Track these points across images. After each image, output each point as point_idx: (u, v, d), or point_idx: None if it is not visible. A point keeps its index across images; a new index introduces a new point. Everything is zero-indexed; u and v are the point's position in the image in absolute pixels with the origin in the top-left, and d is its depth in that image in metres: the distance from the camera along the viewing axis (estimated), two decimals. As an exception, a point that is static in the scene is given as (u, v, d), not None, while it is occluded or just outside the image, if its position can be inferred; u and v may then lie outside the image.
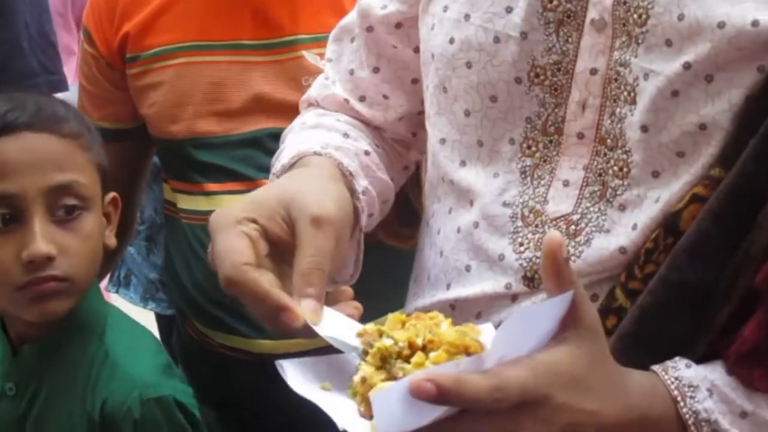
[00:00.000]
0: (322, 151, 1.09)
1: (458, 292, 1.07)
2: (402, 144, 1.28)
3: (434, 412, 0.77)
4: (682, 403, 0.89)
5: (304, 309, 0.89)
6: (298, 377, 0.90)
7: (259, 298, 0.90)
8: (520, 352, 0.81)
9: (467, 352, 0.83)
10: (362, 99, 1.23)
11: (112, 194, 1.46)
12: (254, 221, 0.94)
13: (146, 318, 2.17)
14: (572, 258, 1.01)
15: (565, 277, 0.83)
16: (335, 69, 1.26)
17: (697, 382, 0.90)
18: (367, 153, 1.18)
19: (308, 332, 0.90)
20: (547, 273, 0.84)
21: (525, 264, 1.02)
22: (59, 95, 1.87)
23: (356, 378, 0.87)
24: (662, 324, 0.94)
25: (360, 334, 0.89)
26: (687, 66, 0.94)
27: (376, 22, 1.21)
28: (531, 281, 1.02)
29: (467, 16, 1.07)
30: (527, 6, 1.02)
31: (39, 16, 1.82)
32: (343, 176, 1.09)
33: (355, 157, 1.15)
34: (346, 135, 1.18)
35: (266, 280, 0.91)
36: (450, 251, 1.10)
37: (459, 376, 0.76)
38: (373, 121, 1.24)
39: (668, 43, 0.96)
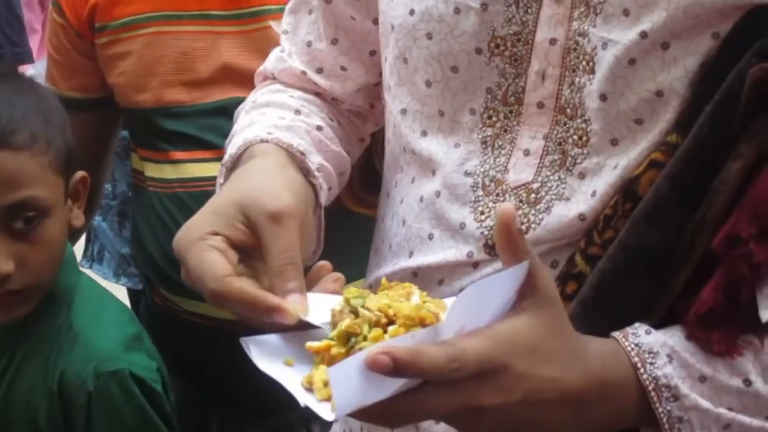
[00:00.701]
0: (269, 137, 1.09)
1: (420, 260, 1.08)
2: (359, 116, 1.28)
3: (393, 386, 0.77)
4: (642, 369, 0.89)
5: (291, 304, 0.90)
6: (261, 353, 0.90)
7: (249, 304, 0.90)
8: (478, 323, 0.81)
9: (423, 324, 0.83)
10: (320, 71, 1.23)
11: (80, 174, 1.44)
12: (216, 233, 0.94)
13: (119, 294, 2.21)
14: (532, 226, 1.01)
15: (520, 247, 0.83)
16: (291, 41, 1.25)
17: (656, 348, 0.91)
18: (319, 128, 1.18)
19: (302, 325, 0.91)
20: (501, 244, 0.84)
21: (486, 232, 1.02)
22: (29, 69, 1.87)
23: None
24: (621, 289, 0.95)
25: (333, 314, 0.89)
26: (644, 35, 0.95)
27: None
28: (492, 249, 1.02)
29: None
30: None
31: None
32: (294, 157, 1.09)
33: (306, 135, 1.15)
34: (297, 111, 1.18)
35: (250, 286, 0.92)
36: (413, 220, 1.10)
37: (414, 348, 0.76)
38: (331, 93, 1.24)
39: (625, 12, 0.96)
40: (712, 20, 0.93)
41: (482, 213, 1.04)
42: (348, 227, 1.46)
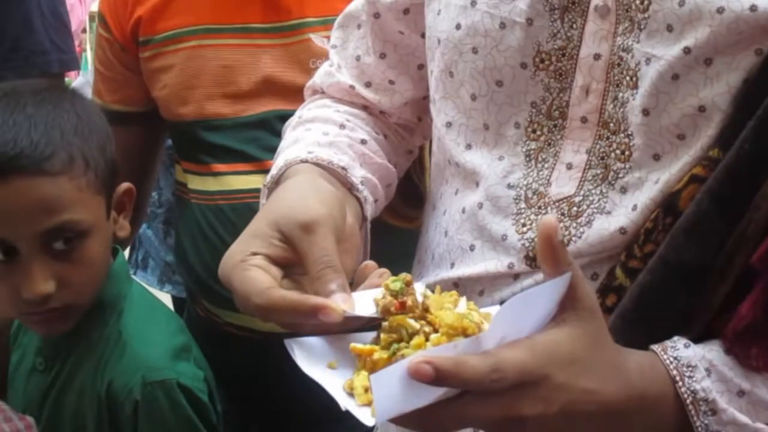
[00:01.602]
0: (308, 157, 1.10)
1: (462, 270, 1.08)
2: (406, 129, 1.28)
3: (433, 394, 0.78)
4: (680, 383, 0.89)
5: (336, 302, 0.90)
6: (305, 355, 0.91)
7: (293, 309, 0.91)
8: (519, 334, 0.81)
9: (465, 334, 0.83)
10: (368, 85, 1.24)
11: (125, 185, 1.44)
12: (256, 254, 0.95)
13: (164, 301, 2.22)
14: (573, 239, 1.01)
15: (562, 259, 0.83)
16: (341, 55, 1.26)
17: (695, 361, 0.90)
18: (363, 141, 1.18)
19: (350, 323, 0.91)
20: (543, 256, 0.83)
21: (527, 244, 1.03)
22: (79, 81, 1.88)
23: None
24: (661, 302, 0.95)
25: (376, 302, 0.91)
26: (687, 50, 0.94)
27: (383, 8, 1.21)
28: (533, 261, 1.02)
29: (473, 2, 1.07)
30: None
31: (54, 4, 1.82)
32: (335, 173, 1.09)
33: (349, 149, 1.16)
34: (342, 126, 1.19)
35: (292, 293, 0.92)
36: (455, 231, 1.10)
37: (457, 358, 0.77)
38: (379, 106, 1.24)
39: (669, 28, 0.96)
40: (756, 36, 0.93)
41: (524, 225, 1.05)
42: (385, 240, 1.46)
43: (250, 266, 0.95)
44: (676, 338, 0.92)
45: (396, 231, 1.38)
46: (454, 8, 1.10)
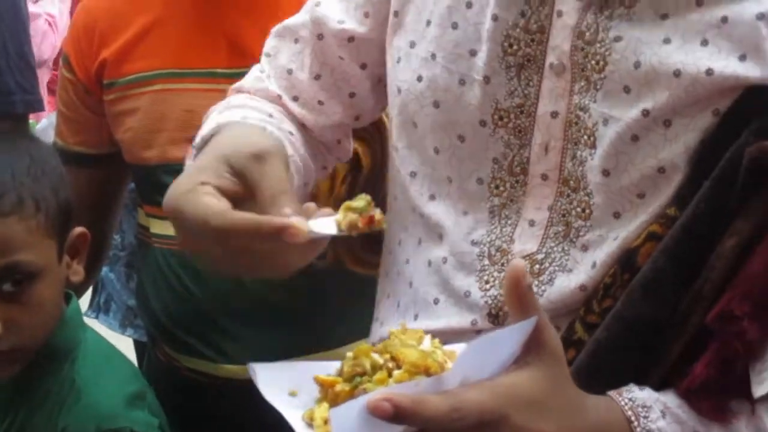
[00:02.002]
0: (244, 122, 1.09)
1: (425, 323, 1.08)
2: (325, 147, 1.27)
3: (393, 431, 0.78)
4: (636, 423, 0.90)
5: (296, 221, 0.89)
6: (267, 381, 0.91)
7: (255, 230, 0.89)
8: (482, 375, 0.82)
9: (427, 373, 0.83)
10: (296, 99, 1.23)
11: (79, 230, 1.44)
12: (205, 184, 0.93)
13: (126, 345, 2.16)
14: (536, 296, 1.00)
15: (529, 303, 0.83)
16: (272, 65, 1.25)
17: (650, 402, 0.92)
18: (291, 134, 1.17)
19: (314, 246, 0.91)
20: (510, 299, 0.84)
21: (490, 301, 1.03)
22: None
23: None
24: (616, 358, 0.96)
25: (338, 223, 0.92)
26: (646, 113, 0.95)
27: (328, 32, 1.21)
28: (496, 318, 1.03)
29: (433, 56, 1.07)
30: (489, 50, 1.04)
31: (18, 36, 1.81)
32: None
33: (279, 131, 1.15)
34: (271, 116, 1.18)
35: (252, 214, 0.90)
36: (419, 283, 1.11)
37: (417, 397, 0.77)
38: (302, 121, 1.24)
39: (626, 89, 0.97)
40: (713, 98, 0.94)
41: (487, 282, 1.05)
42: (347, 285, 1.47)
43: (202, 194, 0.92)
44: (631, 384, 0.93)
45: (351, 276, 1.39)
46: (415, 59, 1.11)
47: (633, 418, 0.91)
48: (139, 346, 2.17)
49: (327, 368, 0.90)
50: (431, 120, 1.09)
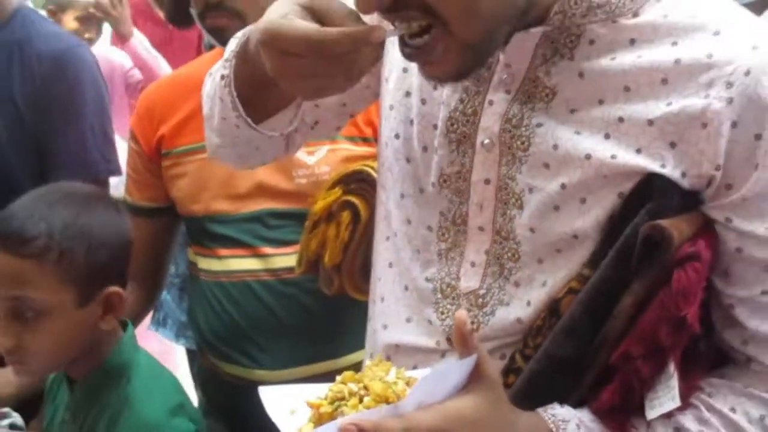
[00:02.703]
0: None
1: (400, 338, 1.06)
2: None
3: None
4: None
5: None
6: (272, 401, 0.91)
7: (349, 38, 0.86)
8: (434, 400, 0.83)
9: (388, 402, 0.84)
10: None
11: (113, 289, 1.33)
12: (293, 11, 0.89)
13: (180, 351, 2.20)
14: (481, 326, 0.99)
15: (470, 344, 0.84)
16: None
17: (568, 418, 0.92)
18: None
19: (376, 53, 0.88)
20: (456, 341, 0.85)
21: (447, 329, 1.01)
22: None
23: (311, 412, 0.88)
24: (544, 385, 0.95)
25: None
26: (563, 186, 0.93)
27: None
28: (452, 342, 1.00)
29: (411, 121, 1.04)
30: (441, 126, 1.01)
31: (102, 119, 1.79)
32: None
33: None
34: None
35: (340, 28, 0.86)
36: (395, 303, 1.08)
37: (377, 421, 0.79)
38: None
39: (546, 165, 0.94)
40: (618, 180, 0.91)
41: (443, 313, 1.02)
42: (351, 308, 1.47)
43: (296, 18, 0.88)
44: (555, 403, 0.93)
45: (355, 303, 1.38)
46: (398, 115, 1.07)
47: (554, 430, 0.91)
48: (189, 352, 2.16)
49: (321, 390, 0.90)
50: (403, 171, 1.06)
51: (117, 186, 1.83)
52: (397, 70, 1.07)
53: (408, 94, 1.05)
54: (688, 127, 0.88)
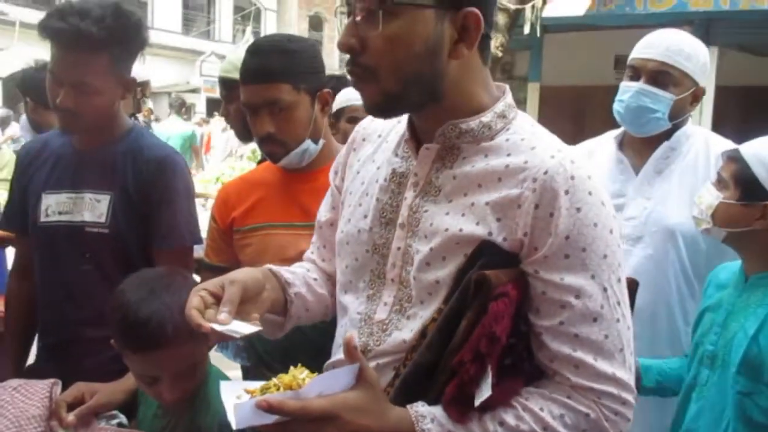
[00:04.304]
0: (265, 269, 1.32)
1: (337, 355, 1.31)
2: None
3: (269, 418, 1.00)
4: (417, 424, 1.10)
5: (220, 317, 1.11)
6: (227, 391, 1.08)
7: (193, 322, 1.12)
8: (330, 391, 1.04)
9: (291, 389, 1.04)
10: (323, 260, 1.50)
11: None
12: (205, 289, 1.17)
13: (237, 367, 2.35)
14: (381, 343, 1.20)
15: (355, 356, 1.06)
16: (313, 245, 1.53)
17: (425, 413, 1.11)
18: (315, 279, 1.42)
19: (220, 335, 1.11)
20: (345, 354, 1.07)
21: (360, 344, 1.23)
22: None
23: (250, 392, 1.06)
24: (414, 384, 1.15)
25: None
26: (432, 249, 1.17)
27: (324, 223, 1.49)
28: (365, 353, 1.22)
29: (349, 220, 1.32)
30: (372, 215, 1.27)
31: (188, 204, 2.03)
32: (278, 280, 1.33)
33: (302, 278, 1.38)
34: (308, 270, 1.44)
35: (196, 313, 1.12)
36: (341, 329, 1.32)
37: (281, 400, 1.00)
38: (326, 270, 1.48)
39: (425, 236, 1.18)
40: (464, 246, 1.14)
41: (361, 334, 1.25)
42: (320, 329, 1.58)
43: (195, 293, 1.16)
44: (419, 402, 1.12)
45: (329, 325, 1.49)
46: (345, 215, 1.33)
47: (416, 422, 1.09)
48: (244, 368, 2.30)
49: (259, 384, 1.07)
50: (347, 250, 1.30)
51: (197, 250, 2.11)
52: (363, 177, 1.35)
53: (350, 205, 1.33)
54: (509, 208, 1.14)
